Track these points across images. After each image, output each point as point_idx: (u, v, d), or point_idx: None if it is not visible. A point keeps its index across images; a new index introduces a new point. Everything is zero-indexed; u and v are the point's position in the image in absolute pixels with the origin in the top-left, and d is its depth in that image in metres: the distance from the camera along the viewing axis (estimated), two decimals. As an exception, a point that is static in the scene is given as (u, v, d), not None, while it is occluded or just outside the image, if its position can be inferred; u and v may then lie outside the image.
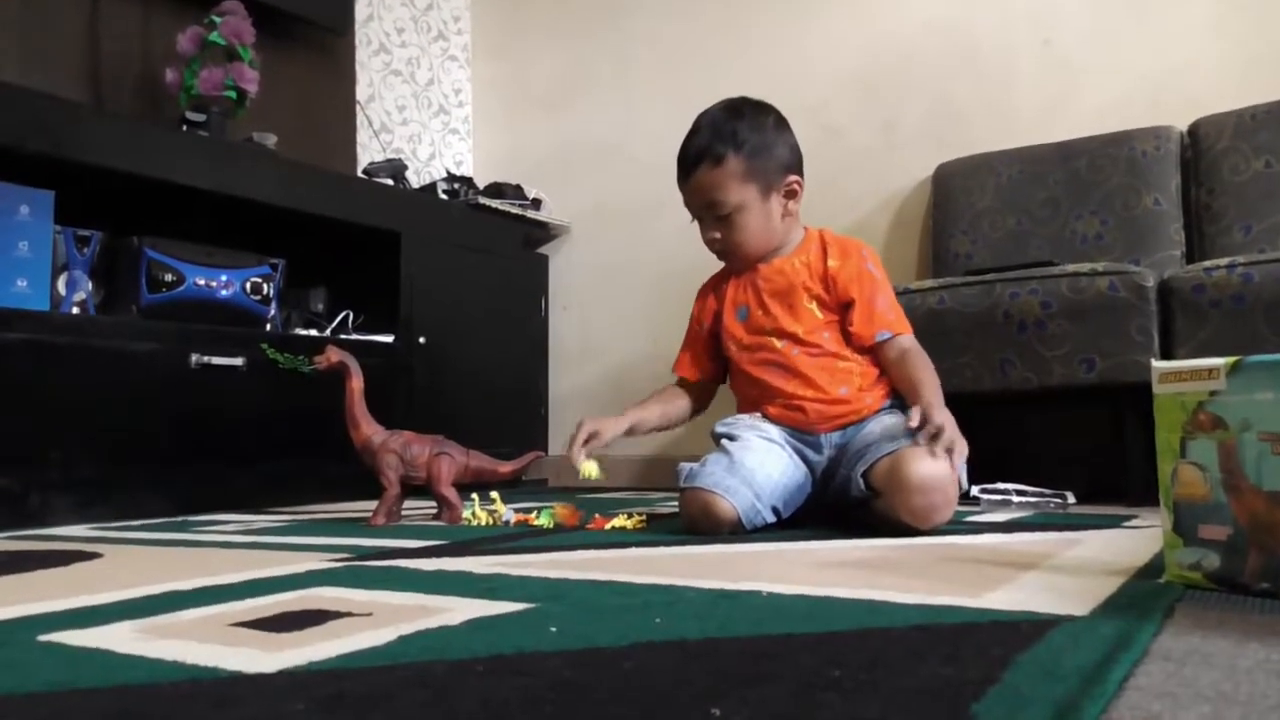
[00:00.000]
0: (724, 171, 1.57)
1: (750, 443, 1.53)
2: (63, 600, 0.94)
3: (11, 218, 1.91)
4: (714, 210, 1.60)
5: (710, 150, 1.57)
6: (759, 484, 1.47)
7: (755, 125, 1.60)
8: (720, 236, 1.62)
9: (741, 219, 1.59)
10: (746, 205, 1.58)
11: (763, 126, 1.61)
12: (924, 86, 2.83)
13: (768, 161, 1.59)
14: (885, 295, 1.62)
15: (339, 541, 1.44)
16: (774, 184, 1.60)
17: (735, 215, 1.59)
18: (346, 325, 2.74)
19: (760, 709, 0.52)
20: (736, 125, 1.59)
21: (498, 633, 0.74)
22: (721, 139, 1.57)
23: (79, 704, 0.56)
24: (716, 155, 1.57)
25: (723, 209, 1.58)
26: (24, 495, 1.84)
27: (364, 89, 3.31)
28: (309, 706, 0.54)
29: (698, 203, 1.62)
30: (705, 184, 1.58)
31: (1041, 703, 0.51)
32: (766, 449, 1.53)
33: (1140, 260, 2.27)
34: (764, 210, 1.60)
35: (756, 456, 1.50)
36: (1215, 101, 2.37)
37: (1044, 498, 1.90)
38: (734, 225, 1.60)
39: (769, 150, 1.60)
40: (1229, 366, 0.83)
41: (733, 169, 1.56)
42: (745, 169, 1.57)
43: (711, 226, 1.62)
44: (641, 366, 3.23)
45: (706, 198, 1.59)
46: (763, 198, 1.59)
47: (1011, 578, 0.96)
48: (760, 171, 1.58)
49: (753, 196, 1.58)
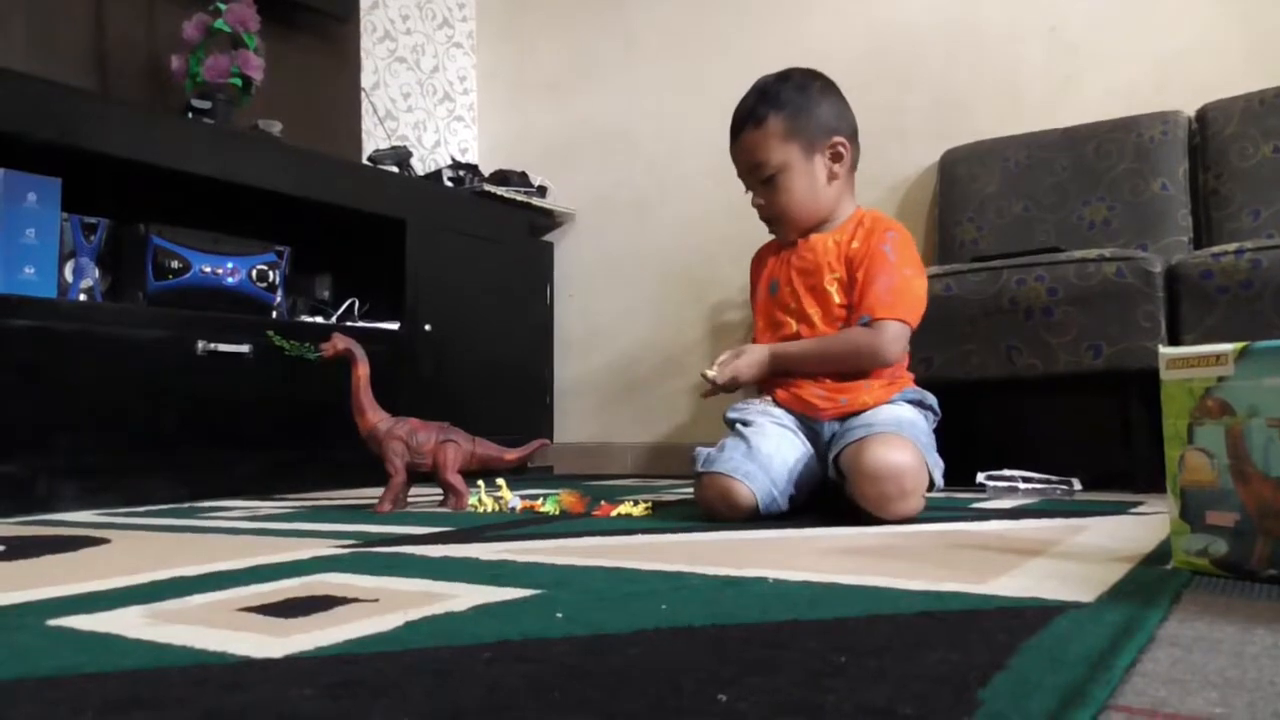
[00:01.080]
0: (765, 131, 1.59)
1: (765, 429, 1.53)
2: (71, 585, 0.94)
3: (19, 205, 1.92)
4: (758, 173, 1.62)
5: (754, 112, 1.61)
6: (776, 471, 1.47)
7: (799, 86, 1.62)
8: (765, 202, 1.63)
9: (785, 180, 1.60)
10: (789, 165, 1.59)
11: (806, 88, 1.63)
12: (930, 72, 2.81)
13: (809, 120, 1.60)
14: (890, 277, 1.55)
15: (345, 528, 1.44)
16: (817, 143, 1.61)
17: (779, 176, 1.60)
18: (352, 313, 2.74)
19: (767, 695, 0.52)
20: (781, 87, 1.61)
21: (504, 619, 0.74)
22: (764, 101, 1.61)
23: (89, 688, 0.57)
24: (759, 116, 1.60)
25: (765, 170, 1.60)
26: (32, 481, 1.85)
27: (369, 76, 3.30)
28: (317, 691, 0.54)
29: (744, 166, 1.65)
30: (749, 145, 1.61)
31: (1048, 689, 0.51)
32: (780, 435, 1.53)
33: (1148, 246, 2.26)
34: (807, 170, 1.61)
35: (772, 443, 1.50)
36: (1224, 86, 2.36)
37: (1050, 484, 1.90)
38: (778, 187, 1.61)
39: (810, 109, 1.61)
40: (1237, 352, 0.83)
41: (774, 128, 1.59)
42: (786, 128, 1.59)
43: (758, 191, 1.64)
44: (647, 354, 3.23)
45: (751, 159, 1.62)
46: (805, 157, 1.60)
47: (1017, 564, 0.96)
48: (801, 130, 1.59)
49: (795, 156, 1.60)
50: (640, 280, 3.28)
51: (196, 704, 0.53)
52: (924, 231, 2.80)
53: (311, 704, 0.52)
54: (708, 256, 3.08)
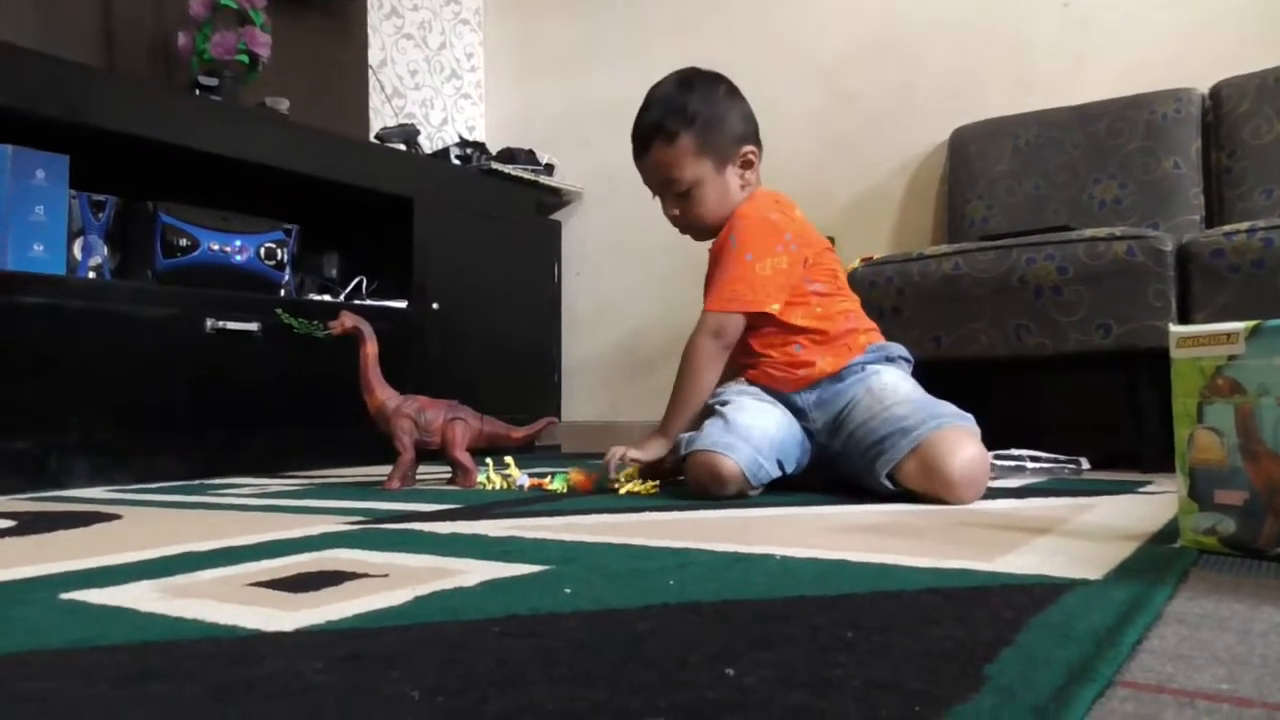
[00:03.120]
0: (677, 149, 1.57)
1: (742, 403, 1.54)
2: (83, 560, 0.95)
3: (27, 182, 1.92)
4: (671, 187, 1.60)
5: (663, 127, 1.58)
6: (757, 439, 1.47)
7: (706, 98, 1.59)
8: (680, 213, 1.63)
9: (699, 193, 1.60)
10: (703, 180, 1.59)
11: (714, 99, 1.60)
12: (941, 49, 2.79)
13: (721, 135, 1.59)
14: (726, 268, 1.57)
15: (354, 505, 1.45)
16: (729, 156, 1.60)
17: (693, 190, 1.59)
18: (360, 291, 2.74)
19: (774, 670, 0.52)
20: (687, 99, 1.58)
21: (513, 594, 0.74)
22: (673, 115, 1.57)
23: (101, 660, 0.57)
24: (669, 133, 1.57)
25: (679, 186, 1.59)
26: (43, 458, 1.86)
27: (376, 53, 3.29)
28: (327, 664, 0.55)
29: (654, 180, 1.63)
30: (660, 162, 1.59)
31: (1055, 665, 0.52)
32: (758, 407, 1.54)
33: (1159, 225, 2.25)
34: (720, 183, 1.60)
35: (749, 414, 1.51)
36: (1238, 63, 2.34)
37: (1058, 464, 1.90)
38: (692, 200, 1.60)
39: (721, 123, 1.59)
40: (1248, 331, 0.82)
41: (686, 146, 1.57)
42: (698, 144, 1.57)
43: (670, 203, 1.63)
44: (654, 332, 3.23)
45: (662, 175, 1.60)
46: (718, 171, 1.60)
47: (1025, 542, 0.96)
48: (714, 146, 1.58)
49: (708, 171, 1.59)
50: (648, 258, 3.27)
51: (208, 676, 0.53)
52: (933, 209, 2.79)
53: (322, 676, 0.52)
54: (716, 235, 3.07)
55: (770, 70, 2.98)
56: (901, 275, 2.14)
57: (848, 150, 2.93)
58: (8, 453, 1.82)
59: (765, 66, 2.98)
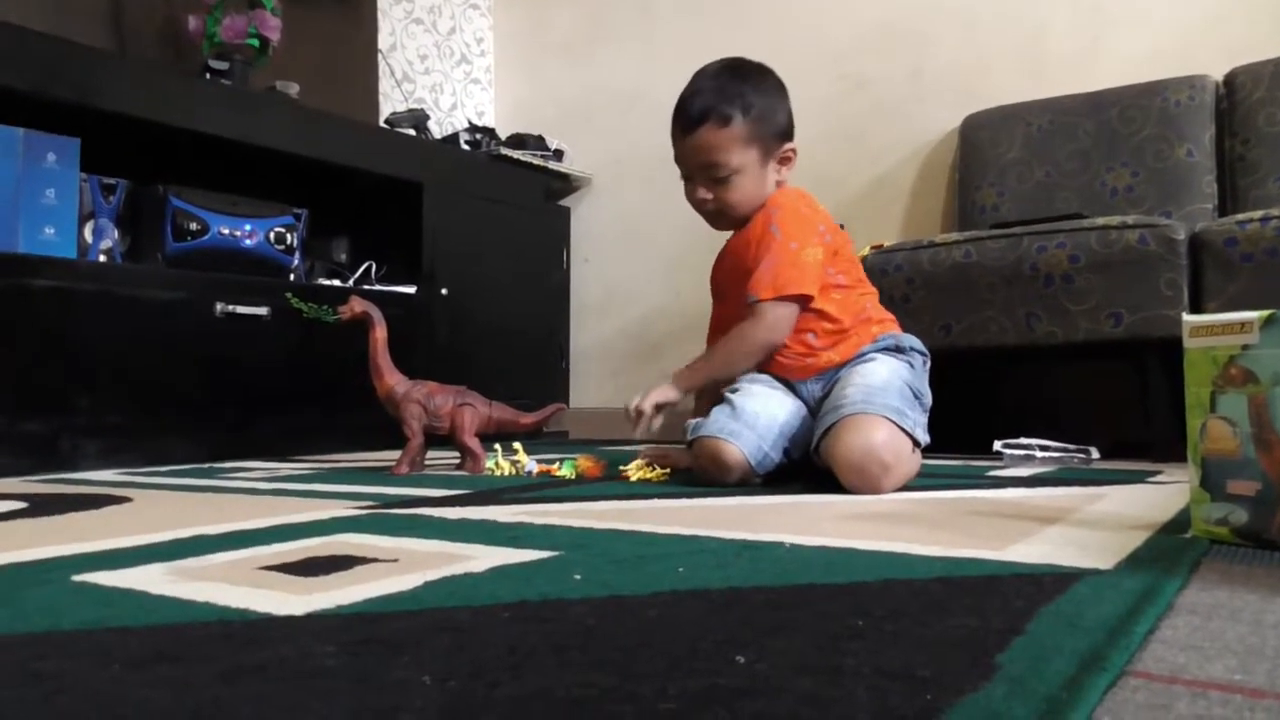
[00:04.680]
0: (729, 134, 1.55)
1: (751, 390, 1.54)
2: (95, 542, 0.95)
3: (38, 165, 1.92)
4: (712, 171, 1.58)
5: (716, 110, 1.55)
6: (763, 427, 1.48)
7: (760, 89, 1.58)
8: (713, 198, 1.60)
9: (738, 181, 1.57)
10: (745, 168, 1.56)
11: (767, 90, 1.59)
12: (952, 35, 2.78)
13: (771, 127, 1.57)
14: (773, 256, 1.54)
15: (364, 490, 1.45)
16: (772, 150, 1.59)
17: (733, 177, 1.57)
18: (369, 276, 2.74)
19: (784, 657, 0.52)
20: (743, 87, 1.56)
21: (522, 580, 0.74)
22: (728, 100, 1.55)
23: (114, 642, 0.57)
24: (723, 116, 1.54)
25: (721, 171, 1.56)
26: (54, 440, 1.87)
27: (385, 38, 3.28)
28: (338, 648, 0.55)
29: (696, 162, 1.59)
30: (707, 144, 1.56)
31: (1066, 654, 0.51)
32: (767, 395, 1.54)
33: (1171, 213, 2.23)
34: (759, 175, 1.58)
35: (758, 401, 1.51)
36: (1252, 50, 2.32)
37: (1068, 453, 1.89)
38: (730, 187, 1.58)
39: (773, 115, 1.58)
40: (1262, 320, 0.82)
41: (737, 132, 1.55)
42: (749, 132, 1.55)
43: (705, 187, 1.60)
44: (663, 319, 3.23)
45: (707, 159, 1.57)
46: (761, 163, 1.58)
47: (1035, 531, 0.96)
48: (762, 137, 1.57)
49: (752, 160, 1.57)
50: (657, 244, 3.27)
51: (219, 659, 0.53)
52: (944, 197, 2.78)
53: (333, 660, 0.53)
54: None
55: (780, 57, 2.94)
56: (911, 263, 2.14)
57: (858, 137, 2.92)
58: (19, 435, 1.82)
59: (775, 53, 2.95)
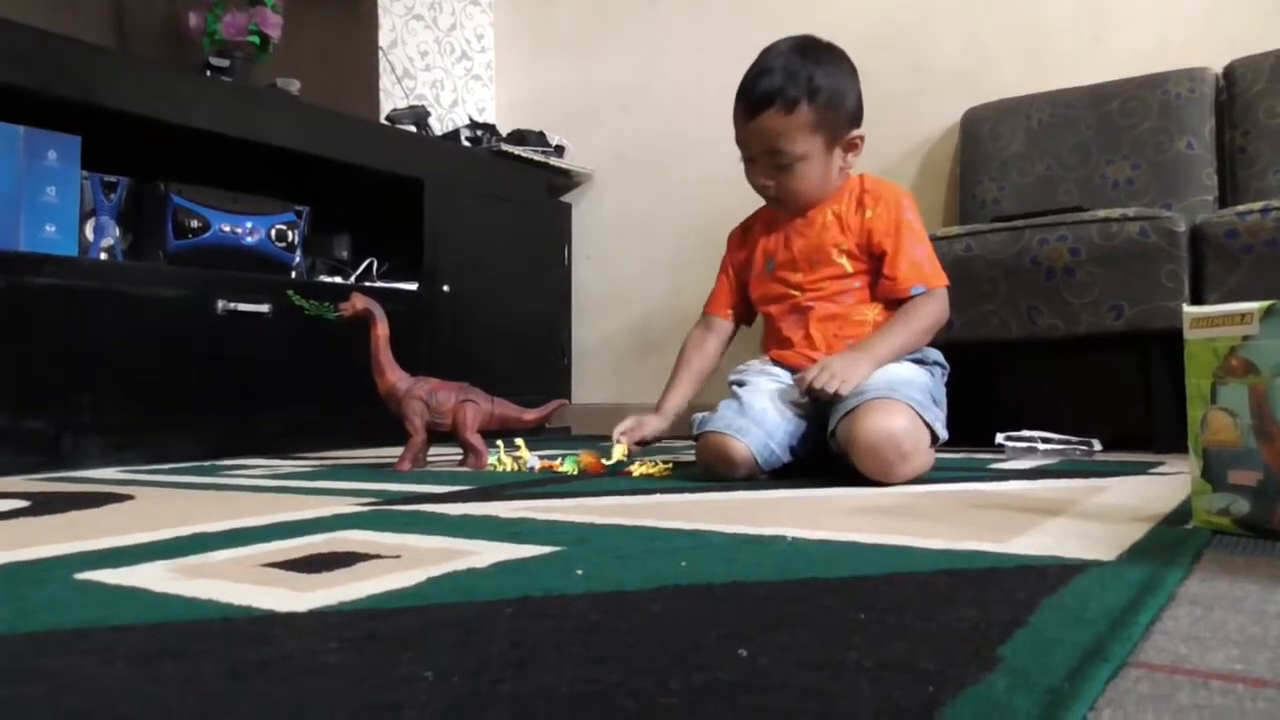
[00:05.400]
0: (795, 119, 1.49)
1: (759, 386, 1.54)
2: (97, 540, 0.95)
3: (39, 162, 1.92)
4: (776, 159, 1.53)
5: (783, 94, 1.48)
6: (770, 424, 1.47)
7: (830, 72, 1.52)
8: (774, 183, 1.56)
9: (803, 168, 1.52)
10: (810, 155, 1.52)
11: (839, 73, 1.53)
12: (953, 29, 2.77)
13: (839, 113, 1.52)
14: (924, 246, 1.56)
15: (366, 486, 1.45)
16: (840, 137, 1.54)
17: (797, 164, 1.52)
18: (371, 273, 2.74)
19: (788, 651, 0.52)
20: (813, 70, 1.50)
21: (525, 575, 0.74)
22: (796, 83, 1.49)
23: (117, 639, 0.57)
24: (790, 100, 1.48)
25: (786, 158, 1.52)
26: (56, 438, 1.87)
27: (386, 34, 3.28)
28: (342, 644, 0.55)
29: (759, 147, 1.54)
30: (772, 129, 1.50)
31: (1068, 646, 0.51)
32: (775, 391, 1.53)
33: (1172, 205, 2.23)
34: (825, 162, 1.54)
35: (765, 398, 1.50)
36: (1252, 42, 2.32)
37: (1070, 445, 1.89)
38: (794, 174, 1.53)
39: (842, 100, 1.52)
40: (1262, 311, 0.82)
41: (804, 118, 1.49)
42: (816, 119, 1.50)
43: (767, 172, 1.55)
44: (665, 315, 3.23)
45: (771, 144, 1.52)
46: (827, 150, 1.53)
47: (1037, 523, 0.96)
48: (830, 123, 1.51)
49: (818, 148, 1.52)
50: (659, 241, 3.27)
51: (223, 655, 0.53)
52: (945, 191, 2.77)
53: (337, 657, 0.53)
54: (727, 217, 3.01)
55: (781, 50, 2.96)
56: (913, 257, 2.13)
57: (859, 131, 2.91)
58: (21, 433, 1.83)
59: (776, 47, 2.96)
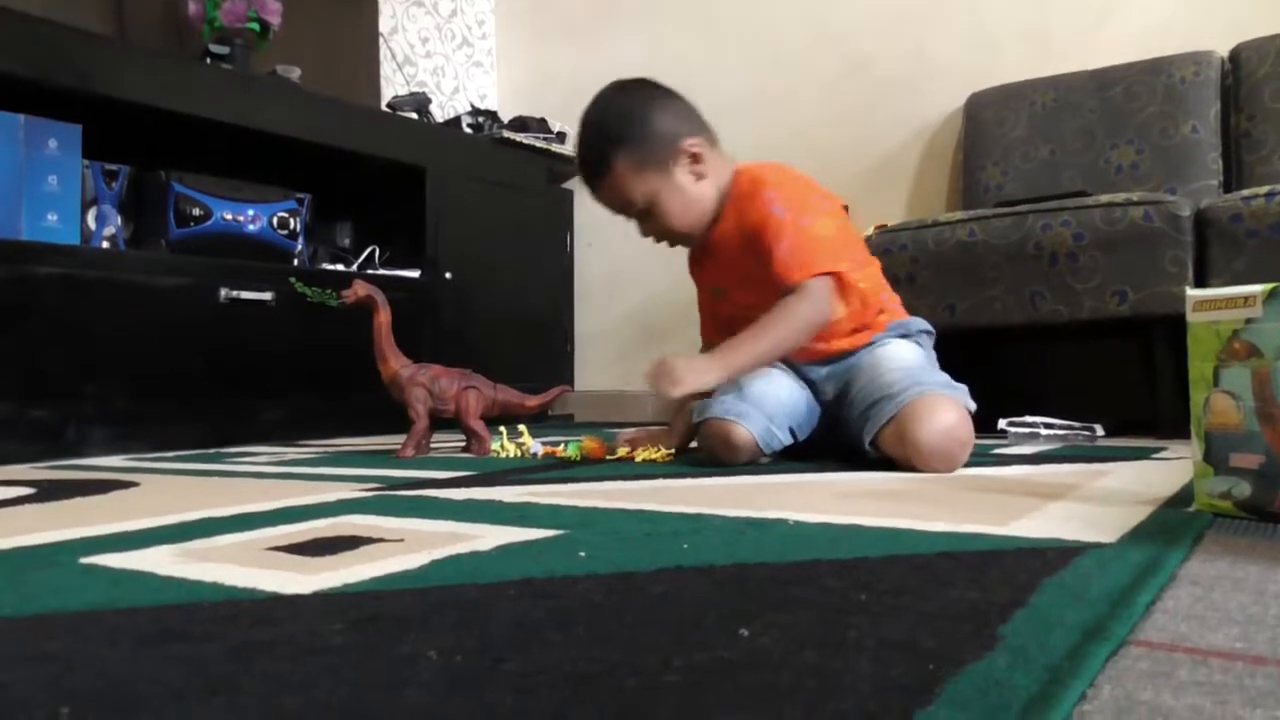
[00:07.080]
0: (616, 176, 1.52)
1: (756, 370, 1.54)
2: (102, 526, 0.96)
3: (40, 151, 1.92)
4: (629, 211, 1.56)
5: (592, 163, 1.54)
6: (770, 407, 1.48)
7: (622, 114, 1.53)
8: (652, 230, 1.59)
9: (662, 207, 1.54)
10: (655, 192, 1.52)
11: (629, 111, 1.53)
12: (955, 13, 2.76)
13: (649, 142, 1.52)
14: (788, 238, 1.47)
15: (369, 472, 1.46)
16: (668, 160, 1.53)
17: (652, 207, 1.54)
18: (373, 260, 2.74)
19: (789, 630, 0.52)
20: (604, 125, 1.53)
21: (528, 558, 0.75)
22: (595, 150, 1.53)
23: (123, 622, 0.58)
24: (600, 164, 1.52)
25: (634, 208, 1.55)
26: (61, 427, 1.88)
27: (386, 21, 3.27)
28: (346, 625, 0.55)
29: (616, 209, 1.58)
30: (609, 194, 1.55)
31: (1069, 625, 0.52)
32: (772, 374, 1.54)
33: (1176, 190, 2.23)
34: (674, 188, 1.53)
35: (763, 382, 1.51)
36: (1258, 26, 2.31)
37: (1072, 430, 1.89)
38: (659, 215, 1.55)
39: (645, 130, 1.52)
40: (1266, 294, 0.82)
41: (623, 169, 1.51)
42: (633, 162, 1.51)
43: (642, 225, 1.59)
44: (667, 302, 3.22)
45: (620, 205, 1.56)
46: (665, 177, 1.53)
47: (1038, 507, 0.96)
48: (649, 157, 1.51)
49: (656, 183, 1.52)
50: (660, 227, 3.26)
51: (228, 637, 0.54)
52: (948, 176, 2.77)
53: (340, 637, 0.53)
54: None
55: (782, 37, 2.96)
56: (916, 243, 2.13)
57: (861, 117, 2.91)
58: (26, 421, 1.83)
59: (777, 33, 2.95)
